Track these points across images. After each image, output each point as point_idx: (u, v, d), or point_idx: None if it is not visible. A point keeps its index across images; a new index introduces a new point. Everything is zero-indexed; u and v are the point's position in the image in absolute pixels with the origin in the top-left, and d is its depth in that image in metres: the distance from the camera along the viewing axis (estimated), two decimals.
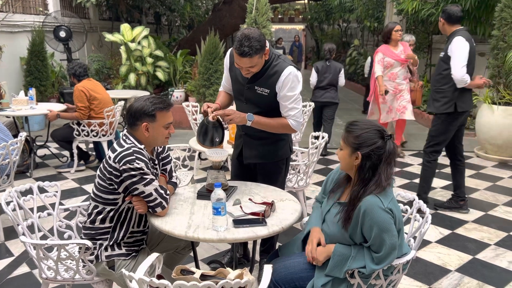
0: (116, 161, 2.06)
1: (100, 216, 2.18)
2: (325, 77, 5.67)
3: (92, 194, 2.22)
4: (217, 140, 2.42)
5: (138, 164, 2.05)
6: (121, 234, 2.20)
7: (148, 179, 2.08)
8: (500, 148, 5.63)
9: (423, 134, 6.88)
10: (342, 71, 5.74)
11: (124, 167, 2.04)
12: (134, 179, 2.06)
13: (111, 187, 2.12)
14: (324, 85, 5.69)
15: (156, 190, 2.10)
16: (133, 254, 2.23)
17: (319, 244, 2.00)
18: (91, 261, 2.18)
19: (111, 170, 2.08)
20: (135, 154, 2.06)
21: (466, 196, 4.14)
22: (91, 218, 2.20)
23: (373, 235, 1.83)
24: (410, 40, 6.06)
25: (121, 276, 2.15)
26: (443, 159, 5.73)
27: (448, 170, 5.29)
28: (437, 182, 4.84)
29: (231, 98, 2.77)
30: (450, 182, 4.82)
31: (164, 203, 2.13)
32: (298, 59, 17.87)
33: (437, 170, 5.23)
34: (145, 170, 2.07)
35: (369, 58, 9.04)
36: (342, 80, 5.76)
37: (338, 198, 2.06)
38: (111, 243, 2.19)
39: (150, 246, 2.41)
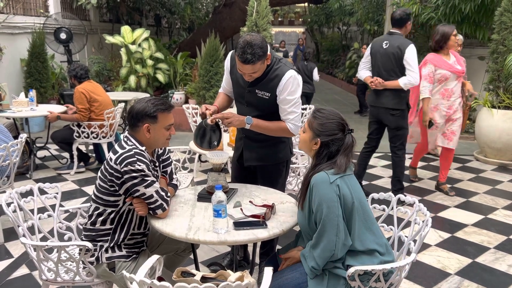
0: (117, 162, 2.07)
1: (101, 218, 2.18)
2: (305, 74, 7.11)
3: (92, 196, 2.22)
4: (215, 143, 2.42)
5: (140, 166, 2.05)
6: (122, 236, 2.20)
7: (149, 181, 2.08)
8: (499, 152, 5.64)
9: None
10: (316, 69, 7.43)
11: (125, 168, 2.05)
12: (135, 181, 2.06)
13: (112, 188, 2.12)
14: (303, 80, 7.22)
15: (157, 192, 2.11)
16: (134, 256, 2.23)
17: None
18: (92, 263, 2.18)
19: (112, 171, 2.09)
20: (136, 156, 2.07)
21: (468, 198, 4.14)
22: (91, 219, 2.20)
23: (315, 208, 1.90)
24: (458, 39, 4.87)
25: (121, 278, 2.15)
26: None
27: (449, 173, 5.30)
28: (433, 185, 4.84)
29: (230, 100, 2.78)
30: (450, 186, 4.83)
31: (164, 205, 2.13)
32: None
33: (434, 173, 5.24)
34: (146, 172, 2.07)
35: None
36: (316, 77, 7.39)
37: None
38: (111, 245, 2.19)
39: (151, 248, 2.42)
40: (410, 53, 3.96)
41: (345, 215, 1.91)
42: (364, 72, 4.31)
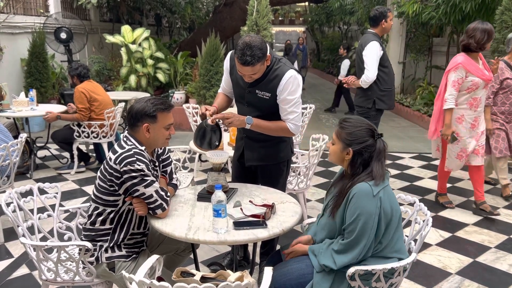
0: (117, 162, 2.06)
1: (101, 218, 2.17)
2: None
3: (92, 196, 2.21)
4: (216, 143, 2.42)
5: (139, 165, 2.05)
6: (121, 236, 2.19)
7: (148, 181, 2.08)
8: None
9: (423, 137, 6.89)
10: (295, 63, 8.34)
11: (125, 168, 2.04)
12: (135, 181, 2.06)
13: (112, 188, 2.12)
14: None
15: (156, 191, 2.10)
16: (133, 256, 2.22)
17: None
18: (91, 263, 2.18)
19: (111, 171, 2.08)
20: (136, 156, 2.06)
21: (468, 197, 4.13)
22: (91, 219, 2.20)
23: (352, 219, 1.89)
24: None
25: (121, 278, 2.14)
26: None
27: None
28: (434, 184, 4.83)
29: (229, 101, 2.77)
30: (451, 185, 4.82)
31: (164, 205, 2.13)
32: (302, 64, 15.34)
33: (434, 174, 5.23)
34: (146, 172, 2.07)
35: (346, 61, 9.03)
36: (296, 68, 8.72)
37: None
38: (111, 244, 2.18)
39: (150, 248, 2.41)
40: (368, 50, 3.94)
41: (379, 226, 1.91)
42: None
